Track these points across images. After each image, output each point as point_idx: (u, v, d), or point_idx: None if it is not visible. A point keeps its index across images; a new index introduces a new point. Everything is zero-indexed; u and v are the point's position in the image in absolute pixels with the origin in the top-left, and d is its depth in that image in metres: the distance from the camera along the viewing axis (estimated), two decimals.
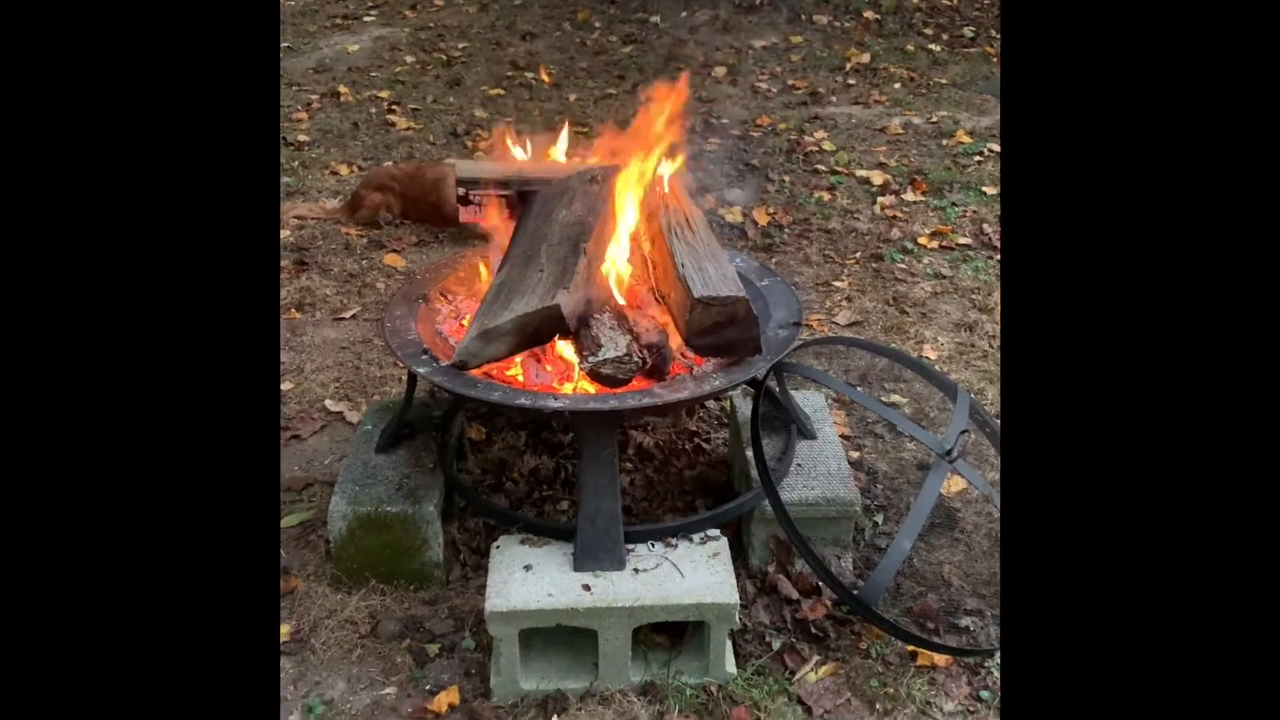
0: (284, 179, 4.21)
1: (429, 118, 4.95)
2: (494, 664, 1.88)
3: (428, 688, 1.92)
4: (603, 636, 1.84)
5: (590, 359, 1.88)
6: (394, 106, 5.08)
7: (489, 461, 2.45)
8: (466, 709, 1.87)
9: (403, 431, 2.27)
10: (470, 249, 2.64)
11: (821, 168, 4.34)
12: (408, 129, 4.80)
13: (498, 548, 1.97)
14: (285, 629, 2.05)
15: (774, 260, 3.56)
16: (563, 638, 1.89)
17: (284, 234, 3.71)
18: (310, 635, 2.04)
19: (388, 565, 2.12)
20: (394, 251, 3.61)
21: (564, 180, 2.25)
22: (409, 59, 5.81)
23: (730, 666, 1.90)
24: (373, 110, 5.05)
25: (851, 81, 5.46)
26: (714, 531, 2.00)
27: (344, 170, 4.33)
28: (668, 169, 2.25)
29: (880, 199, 4.04)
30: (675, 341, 1.97)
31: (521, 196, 2.25)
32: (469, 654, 1.99)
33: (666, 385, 1.92)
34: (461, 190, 2.25)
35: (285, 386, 2.86)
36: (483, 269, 2.29)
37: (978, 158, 4.46)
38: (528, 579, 1.88)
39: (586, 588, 1.85)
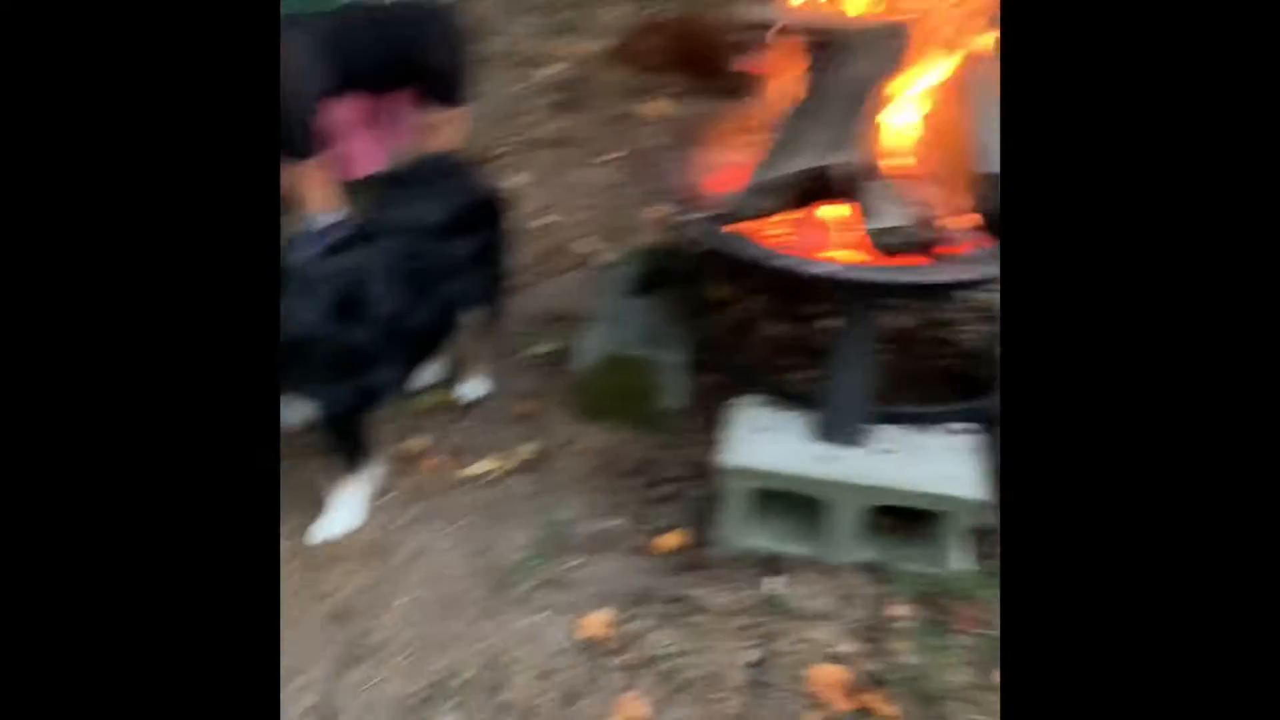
0: (558, 15, 4.23)
1: None
2: (720, 516, 1.91)
3: (654, 526, 1.98)
4: (833, 509, 1.82)
5: (863, 226, 1.78)
6: None
7: (730, 321, 2.44)
8: (689, 553, 1.91)
9: (655, 279, 2.28)
10: (741, 101, 2.55)
11: None
12: None
13: (737, 405, 1.96)
14: (528, 448, 2.16)
15: None
16: (789, 504, 1.88)
17: (553, 70, 3.75)
18: (550, 459, 2.14)
19: (627, 405, 2.17)
20: (659, 98, 3.57)
21: (856, 32, 2.10)
22: None
23: (964, 563, 1.84)
24: None
25: None
26: (964, 425, 1.90)
27: (616, 10, 4.29)
28: (977, 31, 2.06)
29: None
30: (960, 219, 1.84)
31: (808, 47, 2.13)
32: (696, 502, 2.02)
33: (943, 263, 1.80)
34: (746, 35, 2.16)
35: (544, 221, 2.93)
36: (758, 122, 2.21)
37: None
38: (764, 440, 1.87)
39: (823, 459, 1.82)
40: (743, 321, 2.42)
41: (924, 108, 2.01)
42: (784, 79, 2.14)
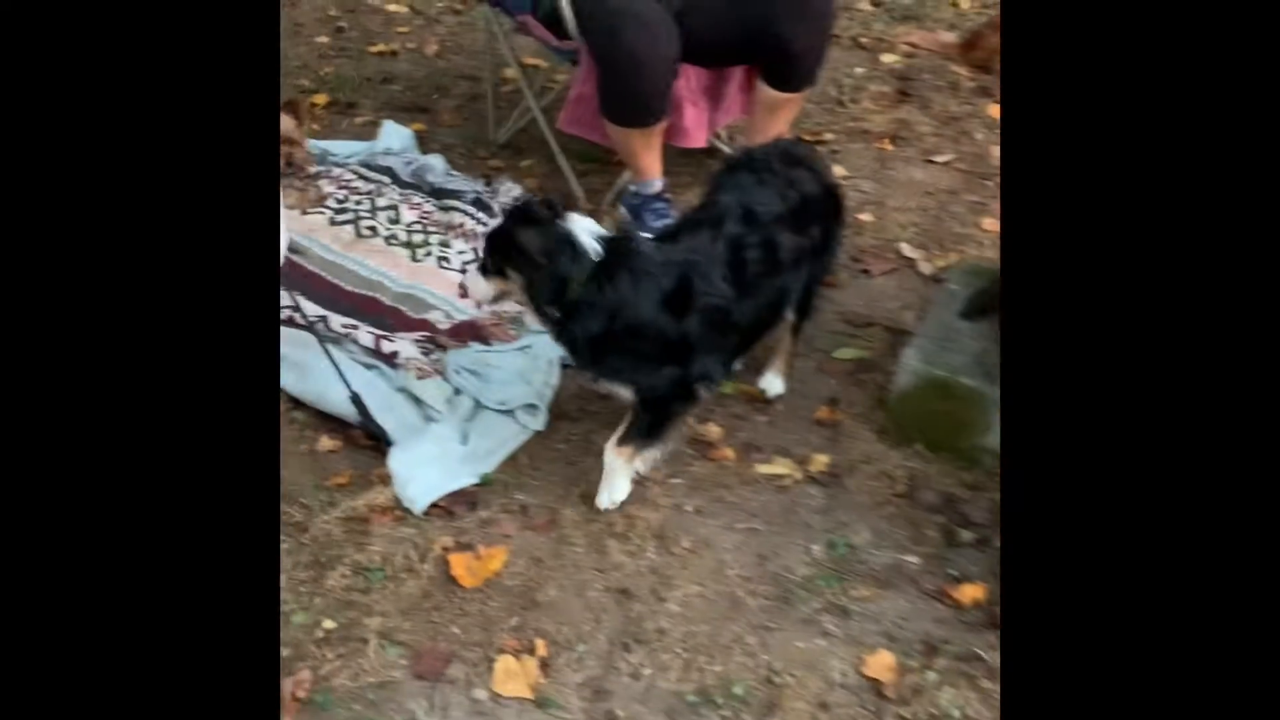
0: (902, 1, 4.02)
1: None
2: None
3: (952, 572, 1.83)
4: None
5: None
6: None
7: None
8: (989, 612, 1.75)
9: (993, 301, 2.09)
10: None
11: None
12: None
13: None
14: (823, 459, 2.05)
15: None
16: None
17: (893, 59, 3.57)
18: (846, 475, 2.03)
19: (940, 435, 2.01)
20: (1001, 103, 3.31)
21: None
22: None
23: None
24: None
25: None
26: None
27: (965, 2, 4.02)
28: None
29: None
30: None
31: None
32: None
33: None
34: None
35: (864, 217, 2.79)
36: None
37: None
38: None
39: None
40: None
41: None
42: None
